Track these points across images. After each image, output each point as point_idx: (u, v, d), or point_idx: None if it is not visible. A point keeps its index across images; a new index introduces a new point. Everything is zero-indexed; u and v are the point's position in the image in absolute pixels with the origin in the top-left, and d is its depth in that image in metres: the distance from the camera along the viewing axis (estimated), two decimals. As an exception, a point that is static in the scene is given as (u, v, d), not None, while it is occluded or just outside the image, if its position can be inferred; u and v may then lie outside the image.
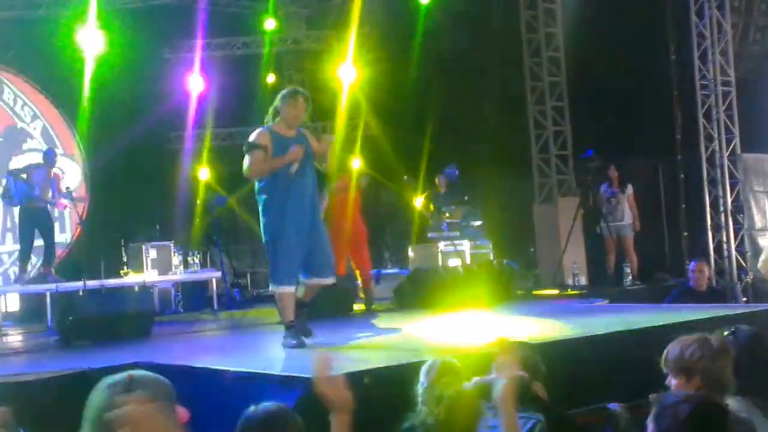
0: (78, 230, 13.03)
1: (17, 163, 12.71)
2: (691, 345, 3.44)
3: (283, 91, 6.66)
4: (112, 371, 5.73)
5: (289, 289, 6.47)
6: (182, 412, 2.19)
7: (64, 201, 11.20)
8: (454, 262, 11.32)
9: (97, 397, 2.08)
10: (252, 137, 6.46)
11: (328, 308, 9.10)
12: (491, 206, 12.91)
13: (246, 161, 6.40)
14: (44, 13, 13.64)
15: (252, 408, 3.33)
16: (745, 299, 11.43)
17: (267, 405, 3.35)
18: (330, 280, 6.81)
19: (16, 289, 10.92)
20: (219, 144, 15.98)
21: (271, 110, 6.60)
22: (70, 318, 7.95)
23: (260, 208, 6.56)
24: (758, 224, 12.37)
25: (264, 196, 6.49)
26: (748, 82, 12.98)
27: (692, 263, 9.17)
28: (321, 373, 3.06)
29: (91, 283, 10.10)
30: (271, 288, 6.60)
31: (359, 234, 10.52)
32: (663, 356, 3.50)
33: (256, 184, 6.55)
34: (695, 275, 8.95)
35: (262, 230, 6.59)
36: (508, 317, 8.18)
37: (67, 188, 11.61)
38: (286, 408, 3.43)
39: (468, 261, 11.56)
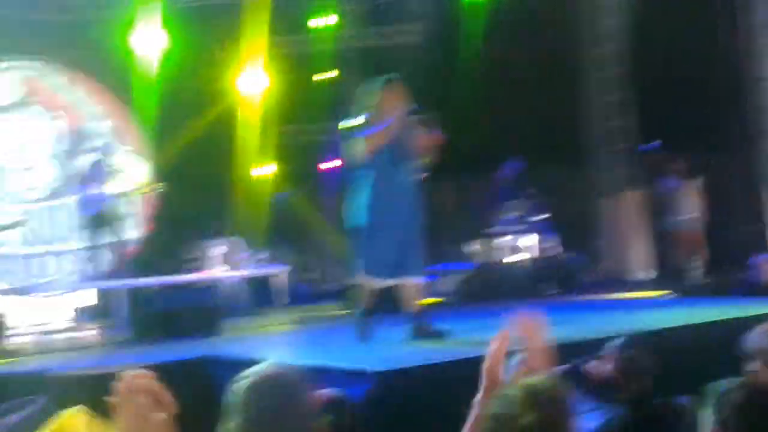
0: (148, 226, 13.28)
1: (83, 162, 12.98)
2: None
3: (383, 78, 6.50)
4: (182, 365, 5.91)
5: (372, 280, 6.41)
6: None
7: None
8: (519, 256, 11.31)
9: None
10: (355, 122, 6.39)
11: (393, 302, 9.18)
12: (557, 200, 12.83)
13: (352, 145, 6.34)
14: (108, 14, 13.90)
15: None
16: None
17: (327, 391, 3.38)
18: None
19: (89, 285, 11.17)
20: (283, 141, 16.14)
21: (366, 98, 6.46)
22: (142, 313, 8.15)
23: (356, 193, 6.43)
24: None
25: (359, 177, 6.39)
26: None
27: (759, 258, 9.02)
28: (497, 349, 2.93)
29: (162, 279, 10.31)
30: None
31: None
32: (748, 341, 3.43)
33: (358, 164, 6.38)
34: (763, 270, 8.81)
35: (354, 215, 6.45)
36: (574, 312, 8.16)
37: (138, 185, 11.84)
38: (342, 396, 3.47)
39: (534, 254, 11.54)
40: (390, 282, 6.48)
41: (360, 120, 6.37)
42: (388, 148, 6.27)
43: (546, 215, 12.10)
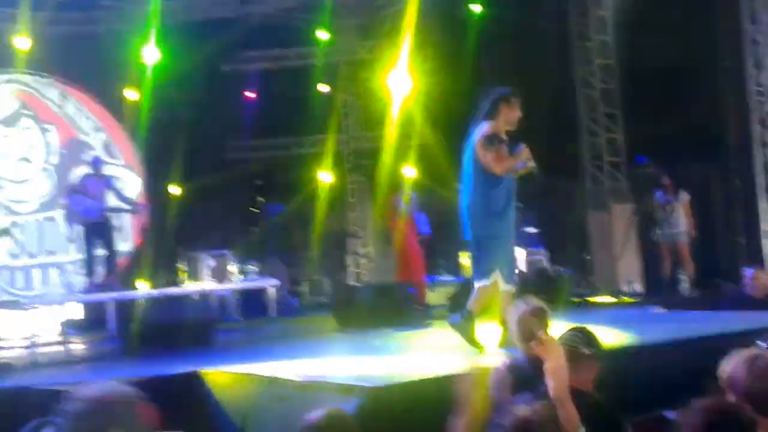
0: (139, 239, 13.30)
1: (75, 175, 13.01)
2: (737, 363, 3.33)
3: (504, 90, 6.57)
4: (173, 379, 5.94)
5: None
6: None
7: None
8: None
9: None
10: (489, 131, 6.39)
11: (385, 315, 9.25)
12: (546, 213, 12.92)
13: (490, 156, 6.38)
14: (104, 28, 13.98)
15: (309, 414, 3.41)
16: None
17: (326, 409, 3.43)
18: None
19: (79, 297, 11.16)
20: (274, 154, 16.21)
21: (487, 108, 6.53)
22: (132, 326, 8.14)
23: (475, 207, 6.49)
24: (813, 230, 12.22)
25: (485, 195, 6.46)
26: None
27: (748, 271, 9.07)
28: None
29: (152, 292, 10.31)
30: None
31: None
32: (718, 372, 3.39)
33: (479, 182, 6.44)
34: (752, 283, 8.85)
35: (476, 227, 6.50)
36: (562, 324, 8.20)
37: (130, 198, 11.86)
38: (343, 411, 3.50)
39: (523, 268, 11.60)
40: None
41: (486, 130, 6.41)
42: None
43: (535, 228, 12.18)
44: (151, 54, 12.34)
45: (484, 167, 6.40)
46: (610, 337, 6.91)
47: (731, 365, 3.35)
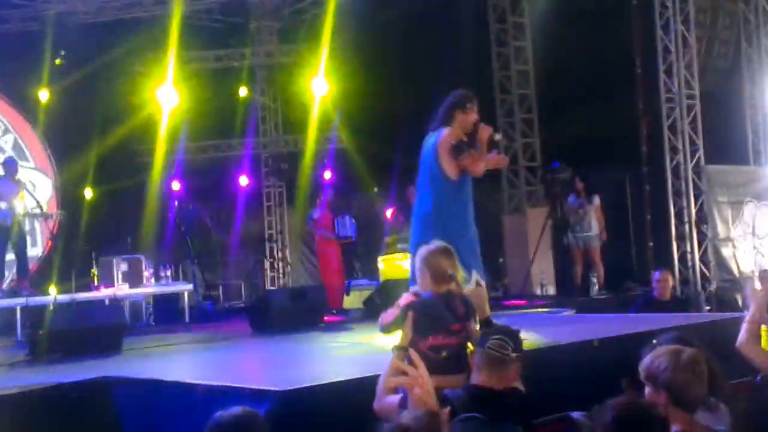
0: (49, 244, 12.99)
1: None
2: (660, 356, 3.42)
3: (458, 94, 6.45)
4: (81, 386, 5.80)
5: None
6: None
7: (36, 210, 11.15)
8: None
9: None
10: (452, 139, 6.25)
11: (300, 319, 9.21)
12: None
13: (466, 162, 6.27)
14: (15, 28, 13.64)
15: (219, 413, 3.37)
16: (708, 308, 11.59)
17: (234, 410, 3.39)
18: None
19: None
20: (191, 157, 16.02)
21: (441, 114, 6.43)
22: (40, 332, 7.93)
23: (439, 213, 6.38)
24: (721, 234, 12.55)
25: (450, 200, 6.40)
26: (712, 95, 13.19)
27: (656, 273, 9.24)
28: None
29: (62, 297, 10.08)
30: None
31: None
32: (639, 367, 3.48)
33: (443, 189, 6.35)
34: (659, 285, 9.02)
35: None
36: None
37: (38, 202, 11.57)
38: (254, 412, 3.46)
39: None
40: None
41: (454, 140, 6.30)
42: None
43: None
44: (61, 55, 12.09)
45: (445, 174, 6.31)
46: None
47: (653, 358, 3.42)
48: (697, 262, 12.12)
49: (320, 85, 14.82)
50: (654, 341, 4.05)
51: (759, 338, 4.39)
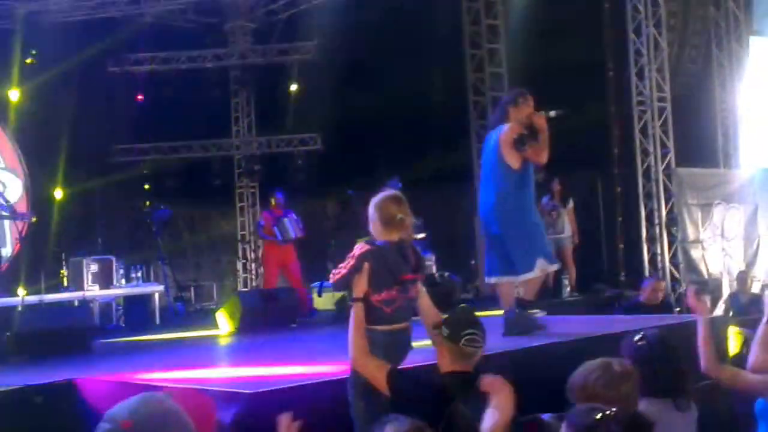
0: (18, 245, 12.86)
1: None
2: (593, 371, 3.42)
3: (512, 92, 7.01)
4: (47, 388, 5.74)
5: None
6: None
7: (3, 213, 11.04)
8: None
9: None
10: (513, 134, 6.69)
11: (272, 321, 9.19)
12: (434, 219, 13.03)
13: (528, 155, 6.73)
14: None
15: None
16: (678, 309, 11.67)
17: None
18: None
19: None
20: (163, 158, 15.94)
21: (497, 113, 7.03)
22: (8, 333, 7.86)
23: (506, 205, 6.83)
24: (691, 236, 12.65)
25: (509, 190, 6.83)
26: (683, 99, 13.30)
27: (648, 281, 9.27)
28: None
29: (31, 299, 9.98)
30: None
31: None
32: (568, 385, 3.46)
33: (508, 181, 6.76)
34: (649, 294, 9.01)
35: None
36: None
37: (8, 202, 11.45)
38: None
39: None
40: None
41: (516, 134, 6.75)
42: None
43: (422, 234, 12.26)
44: (32, 54, 11.97)
45: (508, 166, 6.76)
46: (490, 341, 7.02)
47: (583, 377, 3.44)
48: (667, 264, 12.21)
49: (294, 86, 14.85)
50: (638, 337, 4.08)
51: (718, 359, 4.42)
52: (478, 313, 4.31)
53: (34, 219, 11.65)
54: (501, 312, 7.35)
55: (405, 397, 3.88)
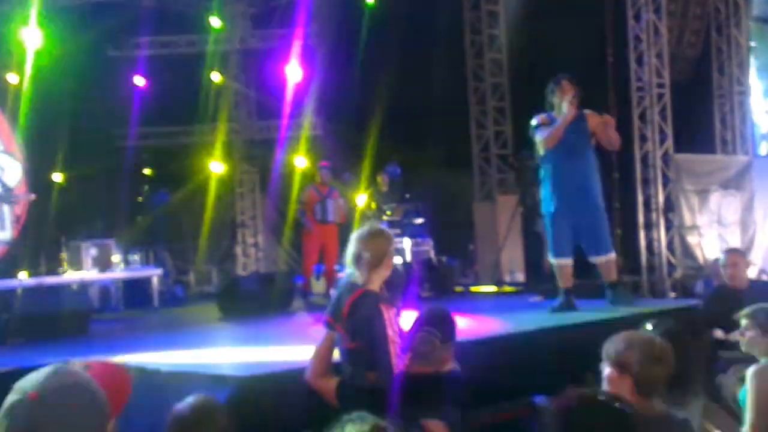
0: (17, 229, 12.90)
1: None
2: (634, 344, 3.45)
3: (554, 80, 7.52)
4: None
5: (560, 261, 7.40)
6: None
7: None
8: (395, 260, 11.43)
9: None
10: (535, 121, 7.49)
11: (269, 305, 9.23)
12: (433, 204, 13.07)
13: (538, 138, 7.42)
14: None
15: (180, 404, 3.38)
16: (674, 295, 11.70)
17: (194, 398, 3.41)
18: (600, 259, 7.46)
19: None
20: (162, 142, 15.96)
21: (548, 97, 7.58)
22: (6, 316, 7.92)
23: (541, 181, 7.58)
24: (688, 222, 12.65)
25: (542, 170, 7.57)
26: (682, 84, 13.28)
27: (723, 256, 7.16)
28: None
29: (30, 281, 10.04)
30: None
31: None
32: (605, 345, 3.50)
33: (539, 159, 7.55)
34: (729, 270, 6.86)
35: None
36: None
37: (6, 185, 11.49)
38: (213, 400, 3.48)
39: (408, 258, 11.71)
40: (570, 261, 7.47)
41: (536, 120, 7.52)
42: (561, 142, 7.34)
43: (421, 219, 12.30)
44: (32, 36, 11.92)
45: (538, 149, 7.60)
46: (488, 325, 7.07)
47: (625, 345, 3.44)
48: (664, 250, 12.22)
49: (294, 70, 14.81)
50: (648, 325, 4.09)
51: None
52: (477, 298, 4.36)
53: (33, 197, 11.65)
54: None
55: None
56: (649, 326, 4.14)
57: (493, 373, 5.29)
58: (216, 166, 15.97)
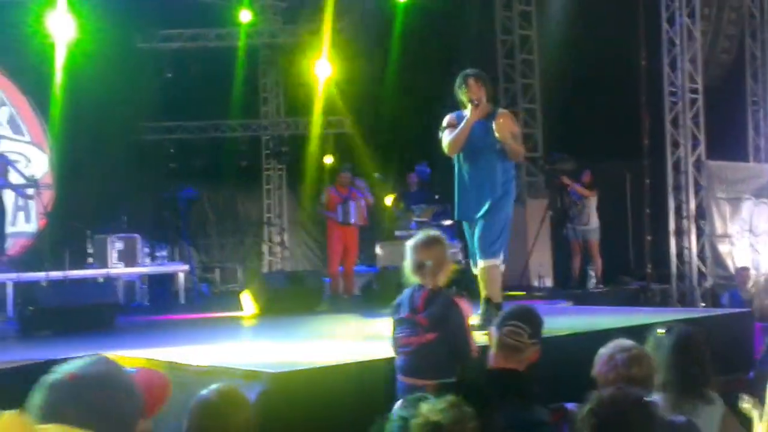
0: (43, 220, 12.91)
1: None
2: (616, 353, 3.55)
3: (461, 74, 6.75)
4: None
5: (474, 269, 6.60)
6: None
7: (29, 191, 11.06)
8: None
9: None
10: (444, 121, 6.68)
11: (297, 304, 9.16)
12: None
13: (443, 143, 6.64)
14: (13, -1, 13.48)
15: (204, 391, 3.33)
16: (703, 304, 11.54)
17: (219, 385, 3.37)
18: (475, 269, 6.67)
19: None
20: (190, 137, 15.92)
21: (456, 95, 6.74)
22: (31, 308, 7.89)
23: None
24: (719, 230, 12.48)
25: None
26: (715, 90, 13.12)
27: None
28: None
29: (55, 274, 10.02)
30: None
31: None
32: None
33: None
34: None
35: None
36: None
37: (33, 177, 11.48)
38: (238, 388, 3.43)
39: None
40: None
41: (445, 121, 6.69)
42: (467, 144, 6.56)
43: (450, 221, 12.18)
44: (63, 26, 11.91)
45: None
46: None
47: (606, 354, 3.57)
48: (695, 258, 12.06)
49: (324, 67, 14.75)
50: (664, 331, 4.02)
51: None
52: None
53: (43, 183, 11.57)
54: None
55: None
56: (661, 331, 4.06)
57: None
58: (243, 162, 15.90)
